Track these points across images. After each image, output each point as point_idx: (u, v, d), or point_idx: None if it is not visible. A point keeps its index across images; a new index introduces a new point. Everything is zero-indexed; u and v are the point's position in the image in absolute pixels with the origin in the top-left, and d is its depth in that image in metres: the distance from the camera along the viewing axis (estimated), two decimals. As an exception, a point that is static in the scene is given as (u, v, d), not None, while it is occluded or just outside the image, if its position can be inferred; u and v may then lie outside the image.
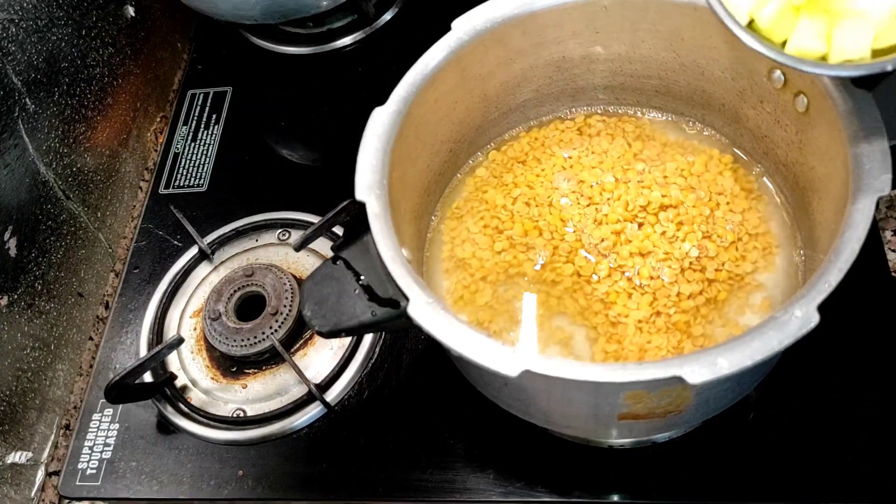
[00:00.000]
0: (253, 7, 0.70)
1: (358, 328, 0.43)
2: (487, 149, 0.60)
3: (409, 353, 0.59)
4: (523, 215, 0.56)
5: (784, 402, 0.53)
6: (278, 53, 0.80)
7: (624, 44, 0.53)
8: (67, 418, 0.65)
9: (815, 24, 0.38)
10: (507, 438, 0.54)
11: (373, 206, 0.45)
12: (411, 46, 0.51)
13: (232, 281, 0.61)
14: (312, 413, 0.58)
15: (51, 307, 0.65)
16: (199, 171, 0.74)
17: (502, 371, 0.38)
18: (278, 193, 0.70)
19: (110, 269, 0.72)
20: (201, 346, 0.62)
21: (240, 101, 0.78)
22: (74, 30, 0.70)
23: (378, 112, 0.48)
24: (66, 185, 0.68)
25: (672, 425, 0.49)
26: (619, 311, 0.51)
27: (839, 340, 0.53)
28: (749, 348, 0.37)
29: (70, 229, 0.68)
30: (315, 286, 0.44)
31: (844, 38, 0.37)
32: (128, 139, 0.77)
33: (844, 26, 0.37)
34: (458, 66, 0.51)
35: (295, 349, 0.60)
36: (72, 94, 0.69)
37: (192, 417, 0.59)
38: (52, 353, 0.65)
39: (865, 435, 0.52)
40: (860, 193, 0.40)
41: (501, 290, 0.54)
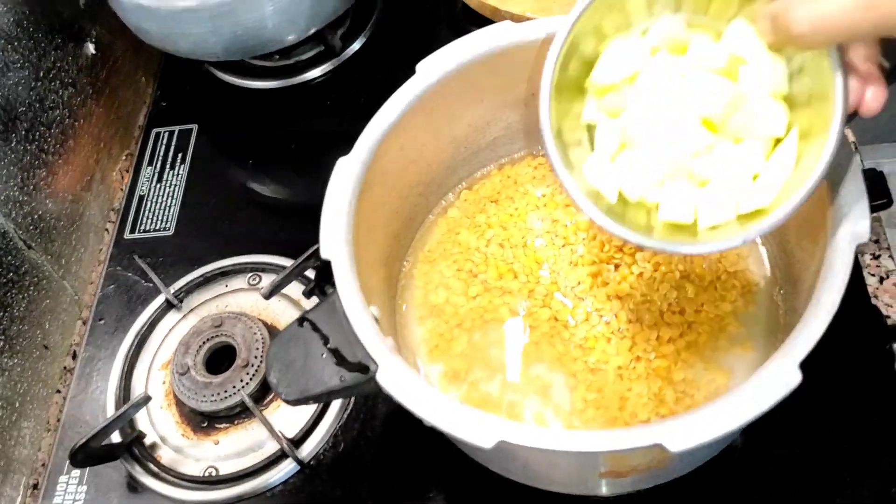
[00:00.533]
0: (214, 45, 0.68)
1: (326, 394, 0.42)
2: (459, 188, 0.58)
3: (385, 404, 0.57)
4: (497, 258, 0.54)
5: (770, 442, 0.52)
6: (245, 88, 0.78)
7: (594, 80, 0.52)
8: (35, 477, 0.63)
9: (680, 194, 0.38)
10: (488, 491, 0.52)
11: (338, 264, 0.43)
12: (381, 77, 0.51)
13: (200, 332, 0.59)
14: (287, 469, 0.56)
15: (14, 363, 0.63)
16: (165, 213, 0.71)
17: (476, 443, 0.37)
18: (248, 235, 0.68)
19: (77, 318, 0.70)
20: (171, 400, 0.60)
21: (206, 138, 0.76)
22: (31, 72, 0.68)
23: (342, 163, 0.46)
24: (27, 234, 0.65)
25: (656, 478, 0.47)
26: (598, 357, 0.49)
27: (821, 374, 0.52)
28: (731, 412, 0.35)
29: (33, 280, 0.65)
30: (280, 350, 0.43)
31: (709, 205, 0.38)
32: (91, 182, 0.74)
33: (708, 194, 0.38)
34: (424, 110, 0.50)
35: (267, 401, 0.58)
36: (30, 139, 0.67)
37: (163, 478, 0.57)
38: (16, 411, 0.62)
39: (853, 473, 0.50)
40: (839, 240, 0.39)
41: (477, 336, 0.52)
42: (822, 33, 0.32)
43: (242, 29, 0.68)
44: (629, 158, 0.39)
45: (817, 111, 0.36)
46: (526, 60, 0.51)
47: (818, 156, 0.35)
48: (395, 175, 0.51)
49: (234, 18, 0.66)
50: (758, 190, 0.37)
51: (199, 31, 0.67)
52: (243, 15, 0.66)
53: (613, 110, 0.40)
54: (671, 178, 0.38)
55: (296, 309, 0.62)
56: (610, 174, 0.39)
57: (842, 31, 0.31)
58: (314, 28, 0.71)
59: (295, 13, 0.69)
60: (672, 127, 0.38)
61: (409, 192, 0.54)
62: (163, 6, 0.66)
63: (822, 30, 0.32)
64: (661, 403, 0.47)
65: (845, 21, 0.31)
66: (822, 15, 0.31)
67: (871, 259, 0.59)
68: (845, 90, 0.35)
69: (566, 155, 0.40)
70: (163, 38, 0.71)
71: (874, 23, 0.30)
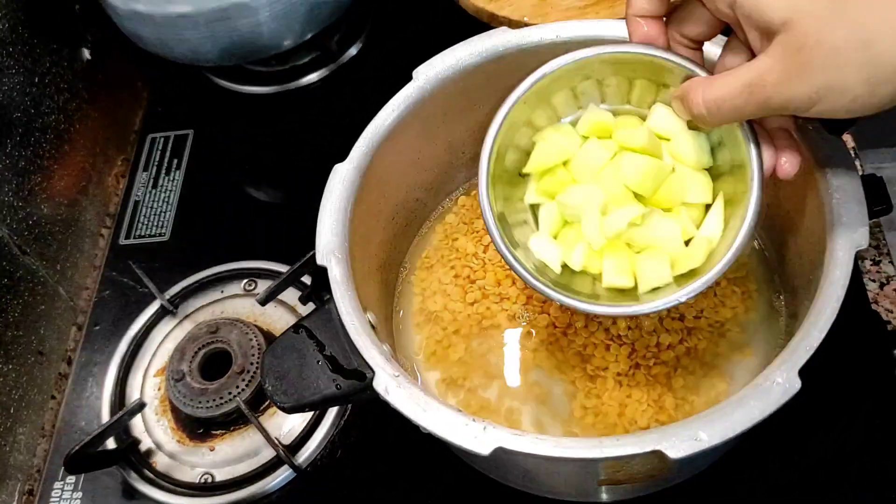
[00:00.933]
0: (210, 50, 0.68)
1: (322, 402, 0.41)
2: (456, 194, 0.58)
3: (382, 410, 0.57)
4: (495, 263, 0.54)
5: (770, 449, 0.51)
6: (241, 93, 0.78)
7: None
8: (30, 483, 0.63)
9: (619, 262, 0.41)
10: (487, 498, 0.52)
11: (334, 270, 0.43)
12: (377, 83, 0.50)
13: (196, 338, 0.59)
14: (284, 475, 0.55)
15: (9, 369, 0.62)
16: (161, 219, 0.71)
17: (474, 450, 0.36)
18: (244, 241, 0.68)
19: (72, 323, 0.70)
20: (166, 406, 0.60)
21: (202, 144, 0.76)
22: (26, 78, 0.67)
23: (338, 169, 0.46)
24: (23, 239, 0.65)
25: (656, 485, 0.47)
26: (598, 364, 0.49)
27: (821, 380, 0.52)
28: (730, 420, 0.35)
29: (28, 285, 0.65)
30: (276, 359, 0.42)
31: (646, 270, 0.40)
32: (87, 186, 0.74)
33: (645, 260, 0.41)
34: (420, 115, 0.50)
35: (263, 408, 0.58)
36: (25, 144, 0.67)
37: (158, 484, 0.56)
38: (11, 417, 0.62)
39: (853, 479, 0.50)
40: (838, 247, 0.39)
41: (475, 343, 0.52)
42: (716, 115, 0.36)
43: (238, 34, 0.67)
44: (571, 234, 0.42)
45: (739, 178, 0.39)
46: (523, 66, 0.50)
47: (743, 218, 0.38)
48: (392, 181, 0.51)
49: (230, 24, 0.66)
50: (691, 253, 0.40)
51: (194, 36, 0.67)
52: (239, 20, 0.66)
53: (552, 192, 0.43)
54: (610, 248, 0.41)
55: (292, 315, 0.62)
56: (554, 248, 0.42)
57: (732, 112, 0.35)
58: (310, 33, 0.71)
59: (291, 19, 0.68)
60: (607, 202, 0.41)
61: (406, 198, 0.54)
62: (158, 12, 0.66)
63: (715, 112, 0.36)
64: (660, 410, 0.47)
65: (733, 104, 0.35)
66: (713, 99, 0.36)
67: (871, 264, 0.59)
68: (759, 159, 0.38)
69: (511, 235, 0.42)
70: (158, 44, 0.70)
71: (757, 105, 0.34)
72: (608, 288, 0.41)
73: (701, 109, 0.36)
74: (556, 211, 0.43)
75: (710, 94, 0.36)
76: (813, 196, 0.42)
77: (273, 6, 0.66)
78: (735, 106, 0.35)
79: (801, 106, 0.33)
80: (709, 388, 0.48)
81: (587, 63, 0.41)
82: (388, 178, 0.50)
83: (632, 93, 0.43)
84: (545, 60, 0.50)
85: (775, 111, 0.34)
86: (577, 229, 0.42)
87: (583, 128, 0.43)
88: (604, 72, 0.42)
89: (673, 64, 0.39)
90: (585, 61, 0.41)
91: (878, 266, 0.58)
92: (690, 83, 0.38)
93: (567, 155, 0.42)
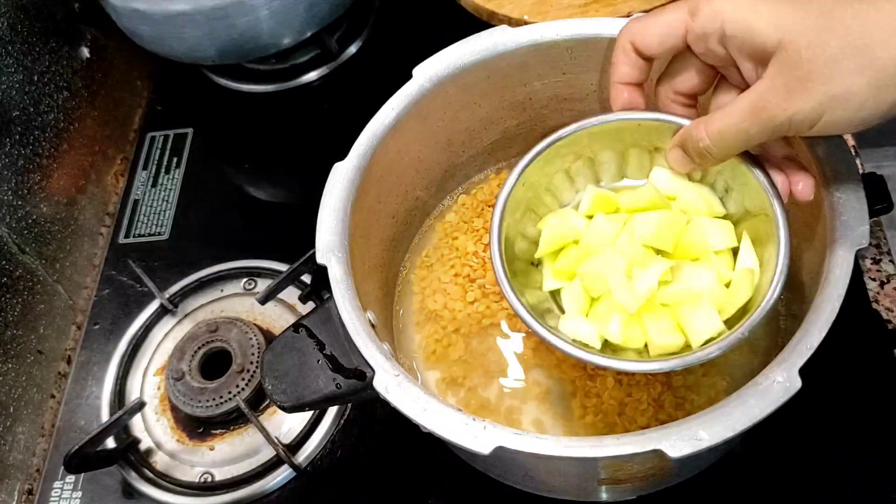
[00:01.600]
0: (209, 48, 0.68)
1: (322, 401, 0.41)
2: (456, 193, 0.58)
3: (382, 409, 0.56)
4: (495, 262, 0.54)
5: (770, 448, 0.51)
6: (240, 92, 0.78)
7: (592, 84, 0.52)
8: (30, 483, 0.63)
9: (662, 323, 0.39)
10: (487, 498, 0.52)
11: (334, 269, 0.43)
12: (377, 81, 0.50)
13: (195, 337, 0.59)
14: (284, 475, 0.55)
15: (8, 368, 0.62)
16: (160, 218, 0.71)
17: (474, 449, 0.36)
18: (243, 240, 0.68)
19: (71, 322, 0.70)
20: (165, 406, 0.59)
21: (202, 142, 0.75)
22: (25, 76, 0.67)
23: (338, 167, 0.46)
24: (22, 238, 0.65)
25: (655, 484, 0.47)
26: (597, 363, 0.49)
27: (821, 379, 0.52)
28: (730, 418, 0.35)
29: (27, 284, 0.65)
30: (275, 357, 0.42)
31: (694, 322, 0.39)
32: (86, 185, 0.74)
33: (689, 313, 0.39)
34: (420, 114, 0.49)
35: (263, 407, 0.58)
36: (24, 143, 0.66)
37: (158, 483, 0.56)
38: (10, 416, 0.62)
39: (854, 478, 0.50)
40: (838, 246, 0.39)
41: (475, 342, 0.52)
42: (722, 145, 0.36)
43: (237, 32, 0.67)
44: (600, 309, 0.40)
45: (759, 216, 0.39)
46: (523, 64, 0.50)
47: (777, 250, 0.37)
48: (392, 179, 0.51)
49: (229, 22, 0.66)
50: (735, 292, 0.39)
51: (193, 34, 0.67)
52: (238, 18, 0.66)
53: (569, 272, 0.42)
54: (648, 311, 0.39)
55: (291, 314, 0.62)
56: (587, 325, 0.40)
57: (736, 138, 0.35)
58: (310, 31, 0.71)
59: (290, 17, 0.68)
60: (630, 266, 0.40)
61: (406, 197, 0.54)
62: (157, 10, 0.66)
63: (720, 142, 0.36)
64: (660, 409, 0.47)
65: (737, 129, 0.35)
66: (717, 129, 0.36)
67: (871, 263, 0.59)
68: (772, 185, 0.38)
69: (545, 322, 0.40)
70: (158, 42, 0.70)
71: (762, 126, 0.34)
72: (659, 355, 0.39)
73: (705, 143, 0.36)
74: (579, 290, 0.41)
75: (713, 126, 0.36)
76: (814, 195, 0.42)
77: (272, 4, 0.66)
78: (739, 131, 0.35)
79: (807, 120, 0.33)
80: (709, 387, 0.48)
81: (576, 138, 0.42)
82: (388, 177, 0.50)
83: (625, 165, 0.44)
84: (545, 59, 0.50)
85: (780, 131, 0.34)
86: (605, 303, 0.40)
87: (585, 208, 0.43)
88: (594, 146, 0.43)
89: (663, 123, 0.39)
90: (574, 137, 0.41)
91: (879, 265, 0.58)
92: (688, 129, 0.38)
93: (576, 234, 0.42)
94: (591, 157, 0.43)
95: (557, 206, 0.45)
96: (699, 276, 0.39)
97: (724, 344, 0.37)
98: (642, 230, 0.40)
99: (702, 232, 0.40)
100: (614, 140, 0.42)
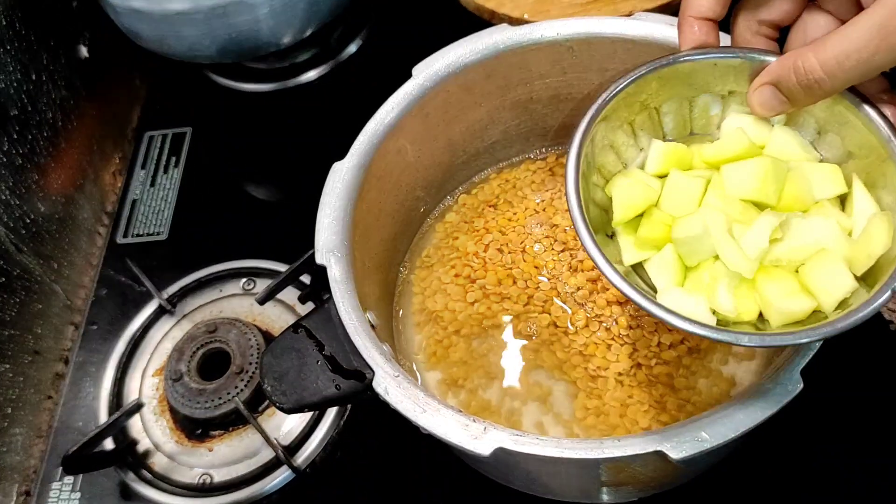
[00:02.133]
0: (208, 47, 0.68)
1: (321, 403, 0.41)
2: (457, 193, 0.58)
3: (382, 410, 0.56)
4: (496, 263, 0.53)
5: (773, 450, 0.51)
6: (239, 91, 0.77)
7: (594, 83, 0.51)
8: (27, 484, 0.62)
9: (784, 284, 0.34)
10: (487, 500, 0.51)
11: (333, 270, 0.42)
12: (377, 80, 0.50)
13: (194, 338, 0.59)
14: (283, 476, 0.55)
15: (5, 369, 0.62)
16: (159, 217, 0.71)
17: (474, 450, 0.36)
18: (242, 240, 0.67)
19: (69, 323, 0.69)
20: (164, 407, 0.59)
21: (200, 142, 0.75)
22: (23, 75, 0.67)
23: (337, 167, 0.46)
24: (18, 237, 0.64)
25: (658, 487, 0.47)
26: (599, 364, 0.49)
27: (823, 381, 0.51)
28: (732, 420, 0.35)
29: (24, 284, 0.64)
30: (275, 358, 0.42)
31: (822, 280, 0.33)
32: (84, 183, 0.73)
33: (814, 270, 0.34)
34: (420, 114, 0.49)
35: (262, 408, 0.57)
36: (22, 141, 0.66)
37: (156, 485, 0.56)
38: (8, 418, 0.61)
39: (856, 480, 0.50)
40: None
41: (476, 343, 0.52)
42: (839, 75, 0.31)
43: (237, 31, 0.67)
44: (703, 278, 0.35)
45: (867, 159, 0.34)
46: (524, 64, 0.50)
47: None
48: (392, 179, 0.50)
49: (228, 21, 0.65)
50: (868, 240, 0.33)
51: (192, 33, 0.67)
52: (237, 17, 0.65)
53: (656, 240, 0.37)
54: (763, 274, 0.34)
55: (291, 314, 0.61)
56: (693, 299, 0.35)
57: (858, 67, 0.30)
58: (309, 30, 0.70)
59: (290, 15, 0.68)
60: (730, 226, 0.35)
61: (406, 197, 0.53)
62: (156, 9, 0.66)
63: (837, 72, 0.31)
64: (662, 411, 0.47)
65: (859, 57, 0.30)
66: (834, 56, 0.31)
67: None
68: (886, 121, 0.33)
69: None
70: (156, 41, 0.70)
71: (890, 50, 0.29)
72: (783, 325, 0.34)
73: (818, 74, 0.31)
74: (671, 259, 0.36)
75: (829, 53, 0.30)
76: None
77: (272, 3, 0.66)
78: (862, 59, 0.30)
79: None
80: (711, 388, 0.47)
81: (644, 84, 0.37)
82: (388, 177, 0.50)
83: (692, 117, 0.38)
84: (546, 58, 0.50)
85: None
86: (706, 271, 0.35)
87: (654, 167, 0.38)
88: (661, 95, 0.38)
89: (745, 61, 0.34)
90: (643, 82, 0.36)
91: (881, 265, 0.58)
92: (783, 62, 0.32)
93: (653, 196, 0.37)
94: (657, 107, 0.38)
95: (620, 167, 0.39)
96: (817, 229, 0.34)
97: (874, 304, 0.31)
98: (739, 183, 0.35)
99: (805, 180, 0.35)
100: (684, 85, 0.37)
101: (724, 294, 0.34)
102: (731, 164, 0.36)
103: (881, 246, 0.33)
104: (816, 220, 0.35)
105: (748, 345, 0.32)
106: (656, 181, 0.38)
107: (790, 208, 0.35)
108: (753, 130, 0.36)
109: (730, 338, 0.32)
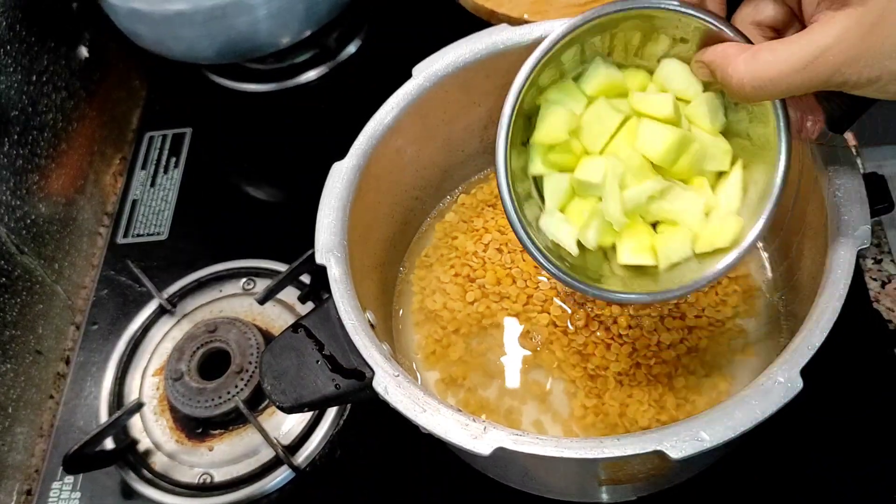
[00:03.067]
0: (208, 48, 0.68)
1: (321, 402, 0.41)
2: (456, 192, 0.58)
3: (381, 410, 0.56)
4: (495, 262, 0.54)
5: (772, 448, 0.51)
6: (239, 91, 0.77)
7: (592, 83, 0.51)
8: (29, 483, 0.62)
9: (638, 239, 0.39)
10: (487, 499, 0.52)
11: (333, 269, 0.43)
12: (376, 80, 0.50)
13: (194, 338, 0.59)
14: (283, 475, 0.55)
15: (7, 368, 0.62)
16: (159, 217, 0.71)
17: (473, 450, 0.36)
18: (242, 240, 0.68)
19: (70, 322, 0.69)
20: (164, 406, 0.59)
21: (200, 142, 0.75)
22: (24, 76, 0.67)
23: (336, 168, 0.46)
24: (20, 238, 0.65)
25: (656, 485, 0.47)
26: (598, 364, 0.49)
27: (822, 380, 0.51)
28: (732, 419, 0.35)
29: (25, 285, 0.65)
30: (274, 358, 0.42)
31: (667, 245, 0.39)
32: (85, 185, 0.74)
33: (665, 236, 0.39)
34: (419, 114, 0.49)
35: (262, 407, 0.58)
36: (23, 143, 0.66)
37: (157, 484, 0.56)
38: (9, 417, 0.62)
39: (855, 479, 0.50)
40: (840, 246, 0.39)
41: (475, 342, 0.52)
42: (761, 93, 0.32)
43: (236, 32, 0.67)
44: (580, 208, 0.40)
45: (758, 142, 0.37)
46: (522, 63, 0.50)
47: (769, 184, 0.36)
48: (391, 179, 0.50)
49: (228, 22, 0.66)
50: (716, 230, 0.38)
51: (192, 34, 0.67)
52: (236, 18, 0.66)
53: (561, 164, 0.40)
54: (627, 223, 0.39)
55: (291, 314, 0.62)
56: (568, 228, 0.40)
57: (781, 92, 0.32)
58: (308, 31, 0.71)
59: (289, 16, 0.68)
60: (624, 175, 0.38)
61: (405, 196, 0.53)
62: (156, 10, 0.66)
63: (760, 91, 0.32)
64: (661, 410, 0.47)
65: (787, 83, 0.31)
66: (761, 77, 0.32)
67: (872, 263, 0.58)
68: (787, 121, 0.35)
69: (522, 211, 0.39)
70: (156, 42, 0.70)
71: (814, 84, 0.31)
72: (626, 267, 0.39)
73: (742, 86, 0.32)
74: (565, 185, 0.40)
75: (759, 72, 0.32)
76: (814, 194, 0.42)
77: (271, 4, 0.66)
78: (789, 85, 0.31)
79: (859, 85, 0.30)
80: (710, 387, 0.48)
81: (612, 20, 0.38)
82: (387, 177, 0.50)
83: (642, 47, 0.40)
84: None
85: (829, 87, 0.31)
86: (587, 203, 0.40)
87: (589, 86, 0.40)
88: (620, 25, 0.39)
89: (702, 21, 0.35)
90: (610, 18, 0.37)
91: (880, 265, 0.58)
92: (725, 52, 0.33)
93: (575, 123, 0.39)
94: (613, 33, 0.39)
95: (560, 77, 0.41)
96: (687, 201, 0.39)
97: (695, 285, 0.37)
98: (648, 142, 0.38)
99: (701, 152, 0.38)
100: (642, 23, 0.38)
101: (593, 232, 0.39)
102: (649, 122, 0.38)
103: (724, 242, 0.38)
104: (689, 195, 0.39)
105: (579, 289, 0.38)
106: (583, 103, 0.40)
107: (677, 176, 0.39)
108: (686, 84, 0.38)
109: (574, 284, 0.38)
